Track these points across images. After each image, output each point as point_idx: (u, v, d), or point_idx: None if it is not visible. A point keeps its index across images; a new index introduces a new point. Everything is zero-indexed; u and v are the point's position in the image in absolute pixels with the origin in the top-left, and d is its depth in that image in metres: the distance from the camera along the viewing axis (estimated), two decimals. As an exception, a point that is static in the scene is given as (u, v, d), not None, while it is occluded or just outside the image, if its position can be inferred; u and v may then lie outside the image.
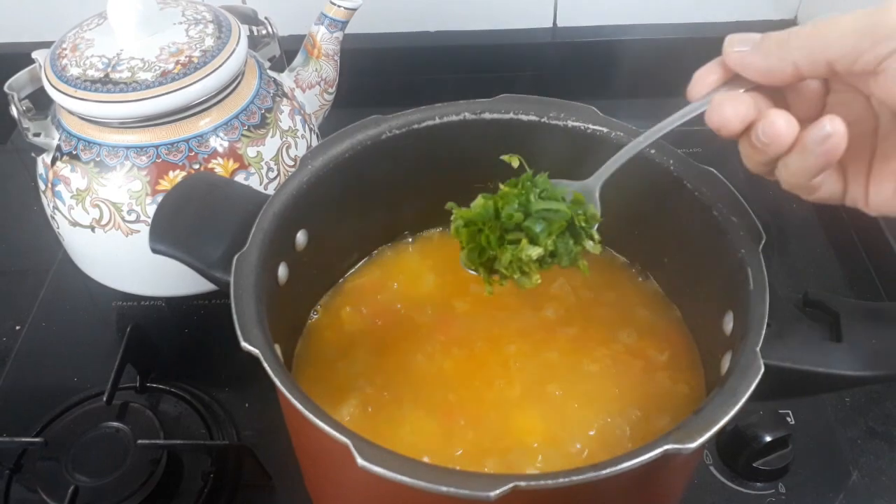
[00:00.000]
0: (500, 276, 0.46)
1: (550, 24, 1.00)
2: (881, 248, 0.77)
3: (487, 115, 0.57)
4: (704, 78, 0.43)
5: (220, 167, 0.67)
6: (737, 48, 0.41)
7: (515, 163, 0.49)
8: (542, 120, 0.56)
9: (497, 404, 0.53)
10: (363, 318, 0.59)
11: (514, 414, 0.52)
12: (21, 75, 0.69)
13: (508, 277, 0.45)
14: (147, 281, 0.73)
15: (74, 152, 0.67)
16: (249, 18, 0.77)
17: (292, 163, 0.72)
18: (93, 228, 0.68)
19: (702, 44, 0.43)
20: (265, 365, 0.42)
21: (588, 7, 0.98)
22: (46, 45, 0.69)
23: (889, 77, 0.36)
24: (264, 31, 0.78)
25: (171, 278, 0.71)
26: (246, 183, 0.68)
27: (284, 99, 0.74)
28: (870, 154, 0.42)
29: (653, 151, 0.54)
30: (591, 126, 0.55)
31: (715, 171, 0.52)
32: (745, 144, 0.42)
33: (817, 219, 0.84)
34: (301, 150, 0.73)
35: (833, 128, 0.38)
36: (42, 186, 0.71)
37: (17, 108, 0.68)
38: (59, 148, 0.68)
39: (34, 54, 0.70)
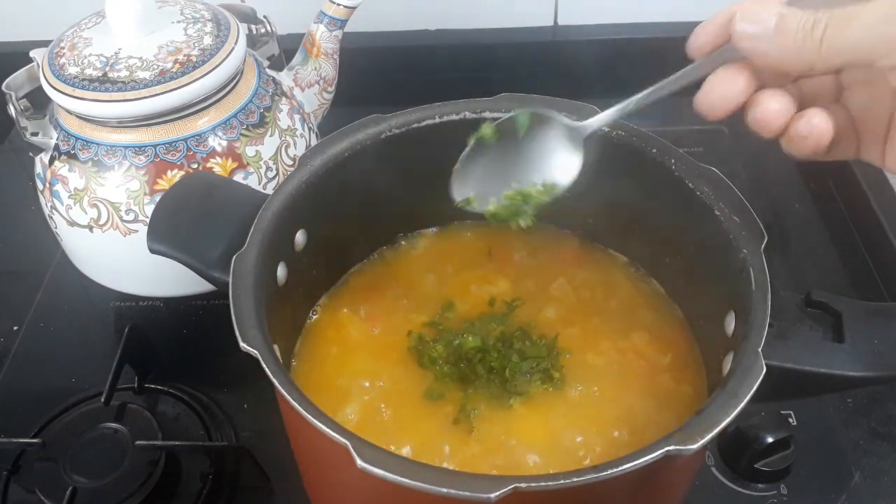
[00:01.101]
0: None
1: (551, 23, 1.00)
2: (883, 248, 0.77)
3: (488, 115, 0.56)
4: (704, 34, 0.43)
5: (218, 166, 0.67)
6: (749, 30, 0.39)
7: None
8: (543, 119, 0.56)
9: (498, 405, 0.52)
10: (363, 318, 0.58)
11: (514, 415, 0.52)
12: (19, 74, 0.69)
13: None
14: (145, 281, 0.72)
15: (72, 152, 0.67)
16: (248, 17, 0.77)
17: (291, 162, 0.71)
18: (91, 228, 0.68)
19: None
20: (264, 366, 0.42)
21: (589, 6, 0.98)
22: (44, 43, 0.69)
23: None
24: (263, 30, 0.78)
25: (169, 278, 0.71)
26: (245, 182, 0.68)
27: (283, 98, 0.73)
28: (889, 116, 0.41)
29: (654, 151, 0.53)
30: (592, 125, 0.55)
31: (717, 171, 0.52)
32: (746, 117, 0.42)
33: (819, 218, 0.84)
34: (300, 150, 0.73)
35: (810, 128, 0.39)
36: (40, 186, 0.71)
37: (14, 108, 0.68)
38: (56, 147, 0.68)
39: (32, 53, 0.69)
